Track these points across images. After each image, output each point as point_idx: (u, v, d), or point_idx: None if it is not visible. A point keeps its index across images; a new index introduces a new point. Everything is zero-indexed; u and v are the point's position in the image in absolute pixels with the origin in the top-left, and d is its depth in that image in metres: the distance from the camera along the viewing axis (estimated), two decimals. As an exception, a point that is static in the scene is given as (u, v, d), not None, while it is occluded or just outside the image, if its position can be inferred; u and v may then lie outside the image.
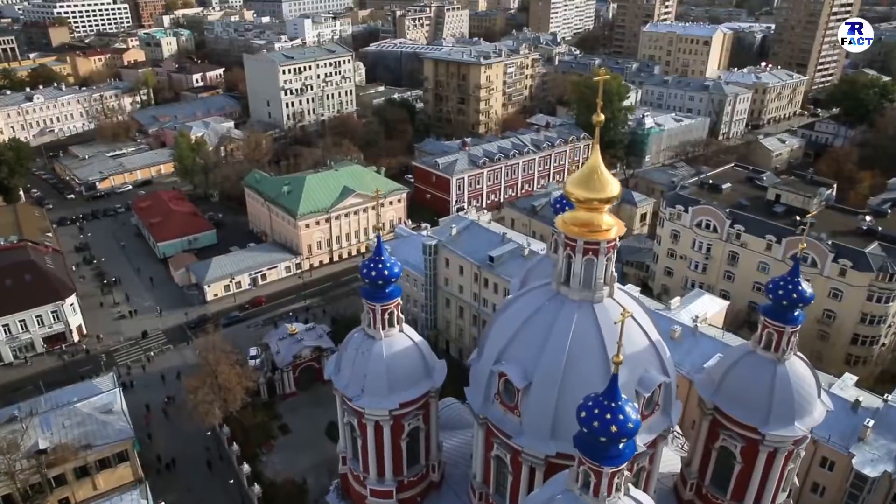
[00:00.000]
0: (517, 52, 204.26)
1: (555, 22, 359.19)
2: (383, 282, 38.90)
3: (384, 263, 38.68)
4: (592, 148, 34.96)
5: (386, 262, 38.73)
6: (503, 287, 78.41)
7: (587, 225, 34.94)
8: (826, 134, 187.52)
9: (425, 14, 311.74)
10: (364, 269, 38.86)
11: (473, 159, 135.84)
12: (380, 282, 38.76)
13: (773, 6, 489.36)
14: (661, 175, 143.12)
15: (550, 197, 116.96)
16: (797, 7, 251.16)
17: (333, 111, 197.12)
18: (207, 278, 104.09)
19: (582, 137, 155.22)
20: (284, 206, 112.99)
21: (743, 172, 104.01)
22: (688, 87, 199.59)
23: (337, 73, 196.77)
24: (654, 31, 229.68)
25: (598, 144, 34.98)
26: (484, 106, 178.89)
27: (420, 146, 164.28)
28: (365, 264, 39.10)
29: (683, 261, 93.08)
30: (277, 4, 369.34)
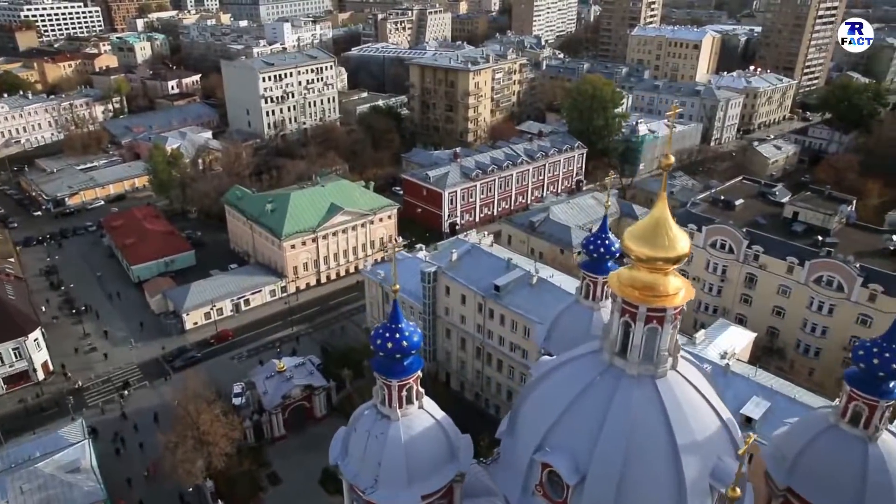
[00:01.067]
0: (504, 57, 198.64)
1: (538, 25, 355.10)
2: (401, 354, 31.64)
3: (401, 333, 31.27)
4: (659, 199, 28.95)
5: (404, 332, 31.39)
6: (510, 319, 72.45)
7: (651, 289, 28.99)
8: (820, 139, 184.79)
9: (407, 17, 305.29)
10: (377, 340, 31.57)
11: (466, 171, 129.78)
12: (397, 355, 31.50)
13: (754, 8, 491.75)
14: (658, 185, 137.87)
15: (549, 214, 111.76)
16: (784, 10, 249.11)
17: (316, 119, 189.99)
18: (186, 305, 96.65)
19: (576, 146, 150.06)
20: (268, 227, 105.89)
21: (753, 186, 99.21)
22: (679, 92, 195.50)
23: (319, 79, 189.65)
24: (642, 34, 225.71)
25: (664, 192, 29.07)
26: (472, 113, 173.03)
27: (408, 157, 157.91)
28: (378, 333, 31.76)
29: (696, 283, 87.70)
30: (255, 7, 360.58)
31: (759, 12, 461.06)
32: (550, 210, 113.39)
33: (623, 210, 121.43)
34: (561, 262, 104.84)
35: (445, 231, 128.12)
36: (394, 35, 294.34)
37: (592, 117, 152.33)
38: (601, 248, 42.25)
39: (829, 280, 74.96)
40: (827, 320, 76.25)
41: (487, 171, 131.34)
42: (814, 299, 76.60)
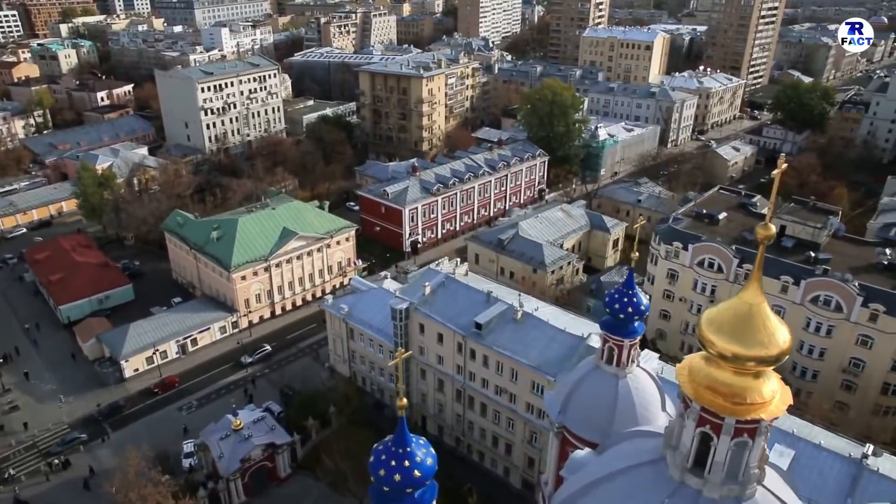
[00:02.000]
0: (457, 62, 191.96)
1: (484, 26, 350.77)
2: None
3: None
4: (752, 279, 22.28)
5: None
6: (495, 360, 65.36)
7: (739, 395, 22.26)
8: (774, 139, 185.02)
9: (351, 21, 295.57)
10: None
11: (426, 186, 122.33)
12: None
13: (694, 8, 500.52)
14: (625, 193, 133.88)
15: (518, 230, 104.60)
16: (728, 10, 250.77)
17: (260, 131, 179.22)
18: (125, 350, 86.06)
19: (538, 154, 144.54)
20: (215, 257, 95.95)
21: (732, 198, 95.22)
22: (634, 95, 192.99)
23: (262, 88, 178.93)
24: (593, 36, 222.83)
25: (759, 271, 22.44)
26: (427, 121, 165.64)
27: (362, 170, 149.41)
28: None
29: (683, 303, 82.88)
30: (189, 12, 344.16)
31: (700, 11, 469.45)
32: (519, 226, 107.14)
33: (593, 222, 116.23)
34: (535, 283, 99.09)
35: (407, 250, 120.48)
36: (338, 39, 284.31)
37: (553, 124, 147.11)
38: (628, 307, 35.53)
39: (826, 300, 70.82)
40: (825, 342, 72.14)
41: (448, 184, 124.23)
42: (810, 320, 72.40)
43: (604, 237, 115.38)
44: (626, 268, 41.01)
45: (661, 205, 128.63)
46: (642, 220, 54.20)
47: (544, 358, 62.17)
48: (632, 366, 37.04)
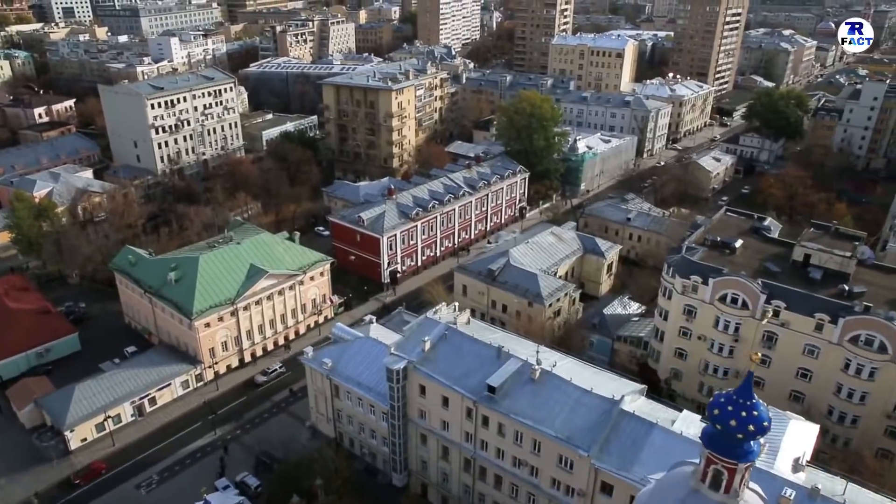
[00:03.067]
0: (424, 72, 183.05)
1: (444, 33, 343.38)
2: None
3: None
4: None
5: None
6: (514, 429, 56.39)
7: None
8: (751, 148, 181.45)
9: (308, 29, 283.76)
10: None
11: (403, 210, 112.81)
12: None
13: (650, 13, 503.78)
14: (613, 211, 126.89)
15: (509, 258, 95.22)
16: (694, 17, 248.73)
17: (217, 148, 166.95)
18: (70, 418, 74.06)
19: (518, 171, 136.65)
20: (173, 302, 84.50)
21: (742, 221, 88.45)
22: (608, 104, 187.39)
23: (218, 103, 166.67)
24: (563, 44, 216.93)
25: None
26: (397, 136, 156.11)
27: (330, 191, 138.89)
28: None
29: (702, 341, 75.48)
30: (135, 20, 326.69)
31: (658, 17, 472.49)
32: (510, 254, 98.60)
33: (586, 246, 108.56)
34: (530, 317, 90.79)
35: (385, 280, 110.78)
36: (295, 49, 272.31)
37: (532, 138, 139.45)
38: (748, 424, 27.03)
39: (868, 339, 64.20)
40: (867, 385, 65.54)
41: (427, 207, 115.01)
42: (850, 361, 65.68)
43: (598, 262, 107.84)
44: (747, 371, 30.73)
45: (652, 223, 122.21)
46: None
47: (572, 427, 53.53)
48: (744, 492, 28.64)
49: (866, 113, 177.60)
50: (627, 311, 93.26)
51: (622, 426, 52.73)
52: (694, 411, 78.23)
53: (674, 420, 53.71)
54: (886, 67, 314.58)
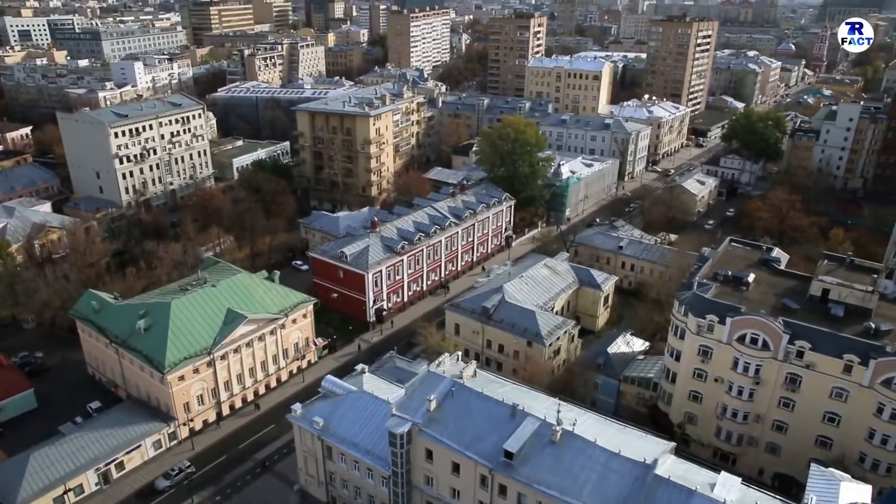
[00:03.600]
0: (400, 96, 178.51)
1: (415, 56, 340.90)
2: None
3: None
4: None
5: None
6: (536, 501, 50.45)
7: None
8: (732, 170, 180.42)
9: (277, 53, 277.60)
10: None
11: (388, 244, 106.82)
12: None
13: (617, 35, 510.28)
14: (604, 239, 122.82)
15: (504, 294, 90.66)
16: (666, 38, 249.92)
17: (185, 177, 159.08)
18: (22, 494, 65.58)
19: (504, 198, 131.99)
20: (143, 353, 76.90)
21: (748, 252, 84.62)
22: (588, 127, 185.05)
23: (186, 130, 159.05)
24: (539, 66, 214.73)
25: None
26: (375, 164, 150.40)
27: (307, 223, 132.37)
28: None
29: (719, 384, 70.81)
30: (96, 44, 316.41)
31: (626, 38, 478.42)
32: (504, 290, 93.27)
33: (581, 278, 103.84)
34: (529, 357, 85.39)
35: (371, 319, 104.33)
36: (264, 73, 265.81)
37: (517, 164, 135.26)
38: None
39: (903, 384, 60.10)
40: (902, 431, 61.39)
41: (413, 240, 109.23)
42: (884, 406, 61.57)
43: (594, 295, 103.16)
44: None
45: (645, 252, 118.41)
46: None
47: (603, 497, 47.95)
48: None
49: (842, 133, 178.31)
50: (631, 349, 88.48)
51: (658, 494, 47.31)
52: (710, 457, 74.06)
53: (713, 484, 48.47)
54: (848, 88, 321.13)
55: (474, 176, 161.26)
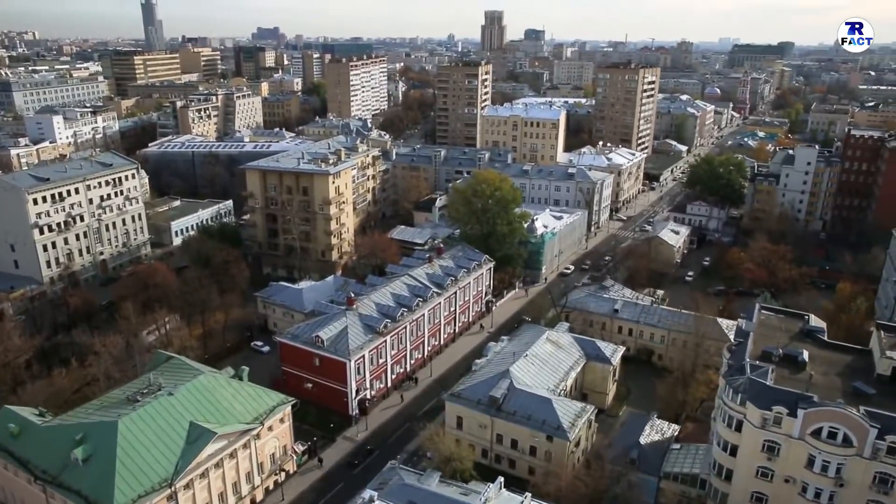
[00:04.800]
0: (354, 150, 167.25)
1: (354, 104, 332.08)
2: None
3: None
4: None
5: None
6: None
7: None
8: (699, 216, 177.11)
9: (212, 104, 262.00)
10: None
11: (369, 322, 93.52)
12: None
13: (553, 82, 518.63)
14: (597, 302, 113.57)
15: (511, 379, 78.13)
16: (614, 84, 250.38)
17: (117, 246, 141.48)
18: None
19: (483, 261, 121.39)
20: (81, 494, 60.26)
21: (783, 320, 76.42)
22: (551, 177, 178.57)
23: (117, 193, 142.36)
24: (494, 115, 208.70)
25: None
26: (336, 225, 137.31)
27: (265, 296, 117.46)
28: None
29: (790, 485, 60.89)
30: (7, 95, 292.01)
31: (563, 84, 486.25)
32: (511, 374, 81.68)
33: (588, 351, 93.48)
34: (550, 454, 73.72)
35: (353, 412, 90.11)
36: (198, 125, 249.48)
37: (495, 222, 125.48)
38: None
39: None
40: None
41: (396, 317, 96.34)
42: None
43: (604, 370, 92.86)
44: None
45: (643, 314, 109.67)
46: None
47: None
48: None
49: (801, 177, 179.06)
50: (661, 435, 78.11)
51: None
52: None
53: None
54: (777, 129, 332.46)
55: (440, 234, 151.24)
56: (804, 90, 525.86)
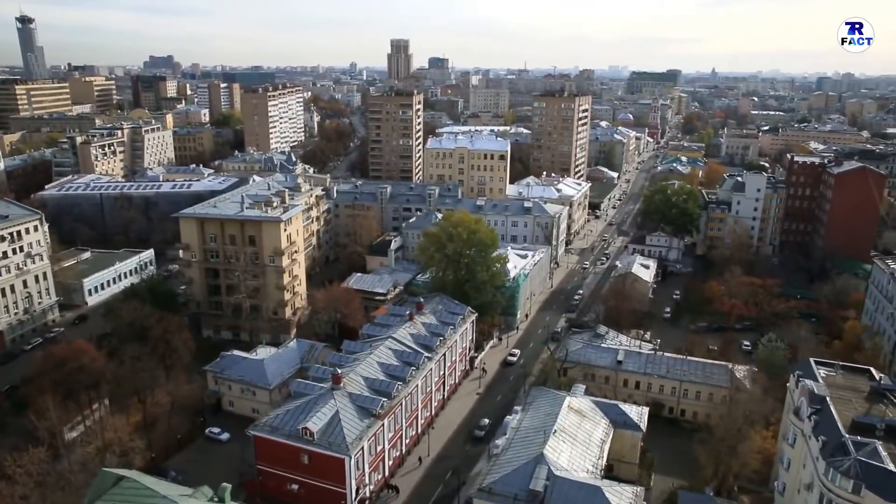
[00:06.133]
0: (297, 190, 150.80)
1: (273, 137, 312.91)
2: None
3: None
4: None
5: None
6: None
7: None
8: (659, 247, 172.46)
9: (117, 139, 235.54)
10: None
11: (362, 404, 77.99)
12: None
13: (470, 110, 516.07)
14: (596, 353, 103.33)
15: (548, 464, 63.91)
16: (550, 114, 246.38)
17: (18, 313, 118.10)
18: None
19: (466, 313, 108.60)
20: None
21: (849, 377, 68.47)
22: (507, 212, 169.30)
23: (17, 250, 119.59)
24: (438, 147, 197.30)
25: None
26: (288, 278, 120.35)
27: (217, 370, 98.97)
28: None
29: None
30: None
31: (483, 112, 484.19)
32: (545, 458, 68.93)
33: (613, 418, 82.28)
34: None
35: (352, 515, 74.16)
36: (102, 163, 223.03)
37: (475, 270, 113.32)
38: None
39: None
40: None
41: (392, 392, 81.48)
42: None
43: (633, 438, 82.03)
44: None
45: (650, 365, 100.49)
46: None
47: None
48: None
49: (752, 204, 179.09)
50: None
51: None
52: None
53: None
54: (696, 153, 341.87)
55: (401, 280, 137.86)
56: (706, 115, 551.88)
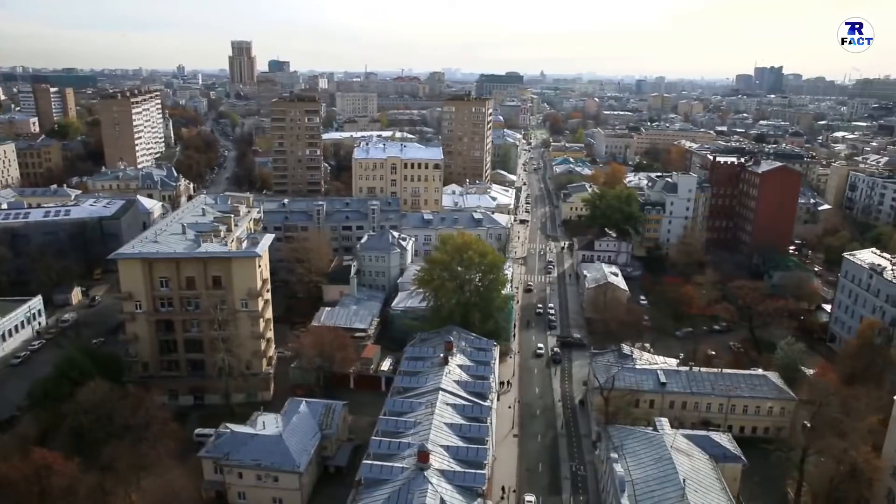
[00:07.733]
0: (234, 212, 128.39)
1: (139, 149, 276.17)
2: None
3: None
4: None
5: None
6: None
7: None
8: (608, 252, 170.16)
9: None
10: None
11: (461, 482, 63.06)
12: None
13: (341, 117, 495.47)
14: (639, 377, 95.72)
15: None
16: (461, 119, 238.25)
17: None
18: None
19: (491, 346, 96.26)
20: None
21: None
22: (457, 224, 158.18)
23: None
24: (368, 157, 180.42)
25: None
26: (264, 324, 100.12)
27: (216, 455, 77.75)
28: None
29: None
30: None
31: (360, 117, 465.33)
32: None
33: (712, 452, 74.85)
34: None
35: None
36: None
37: (490, 295, 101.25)
38: None
39: None
40: None
41: (483, 462, 67.40)
42: None
43: (733, 470, 75.35)
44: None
45: (694, 384, 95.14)
46: None
47: None
48: None
49: (685, 204, 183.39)
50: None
51: None
52: None
53: None
54: (579, 154, 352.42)
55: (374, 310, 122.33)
56: (563, 116, 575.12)
